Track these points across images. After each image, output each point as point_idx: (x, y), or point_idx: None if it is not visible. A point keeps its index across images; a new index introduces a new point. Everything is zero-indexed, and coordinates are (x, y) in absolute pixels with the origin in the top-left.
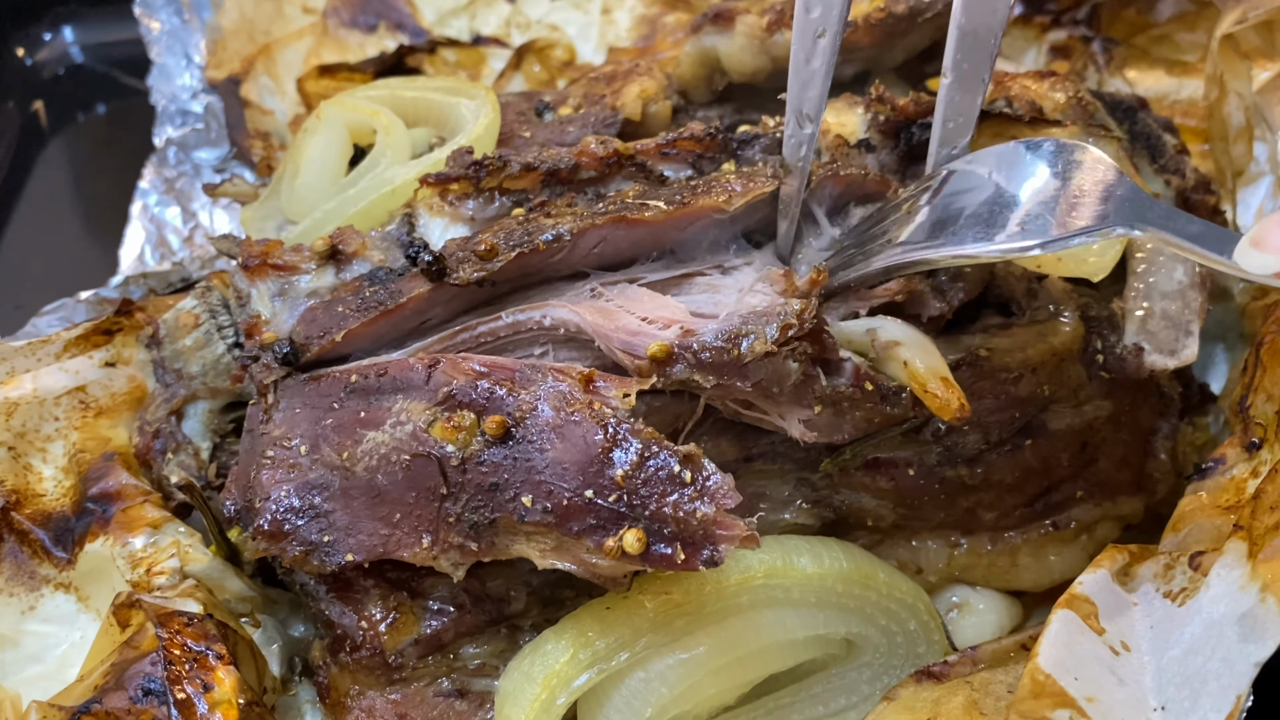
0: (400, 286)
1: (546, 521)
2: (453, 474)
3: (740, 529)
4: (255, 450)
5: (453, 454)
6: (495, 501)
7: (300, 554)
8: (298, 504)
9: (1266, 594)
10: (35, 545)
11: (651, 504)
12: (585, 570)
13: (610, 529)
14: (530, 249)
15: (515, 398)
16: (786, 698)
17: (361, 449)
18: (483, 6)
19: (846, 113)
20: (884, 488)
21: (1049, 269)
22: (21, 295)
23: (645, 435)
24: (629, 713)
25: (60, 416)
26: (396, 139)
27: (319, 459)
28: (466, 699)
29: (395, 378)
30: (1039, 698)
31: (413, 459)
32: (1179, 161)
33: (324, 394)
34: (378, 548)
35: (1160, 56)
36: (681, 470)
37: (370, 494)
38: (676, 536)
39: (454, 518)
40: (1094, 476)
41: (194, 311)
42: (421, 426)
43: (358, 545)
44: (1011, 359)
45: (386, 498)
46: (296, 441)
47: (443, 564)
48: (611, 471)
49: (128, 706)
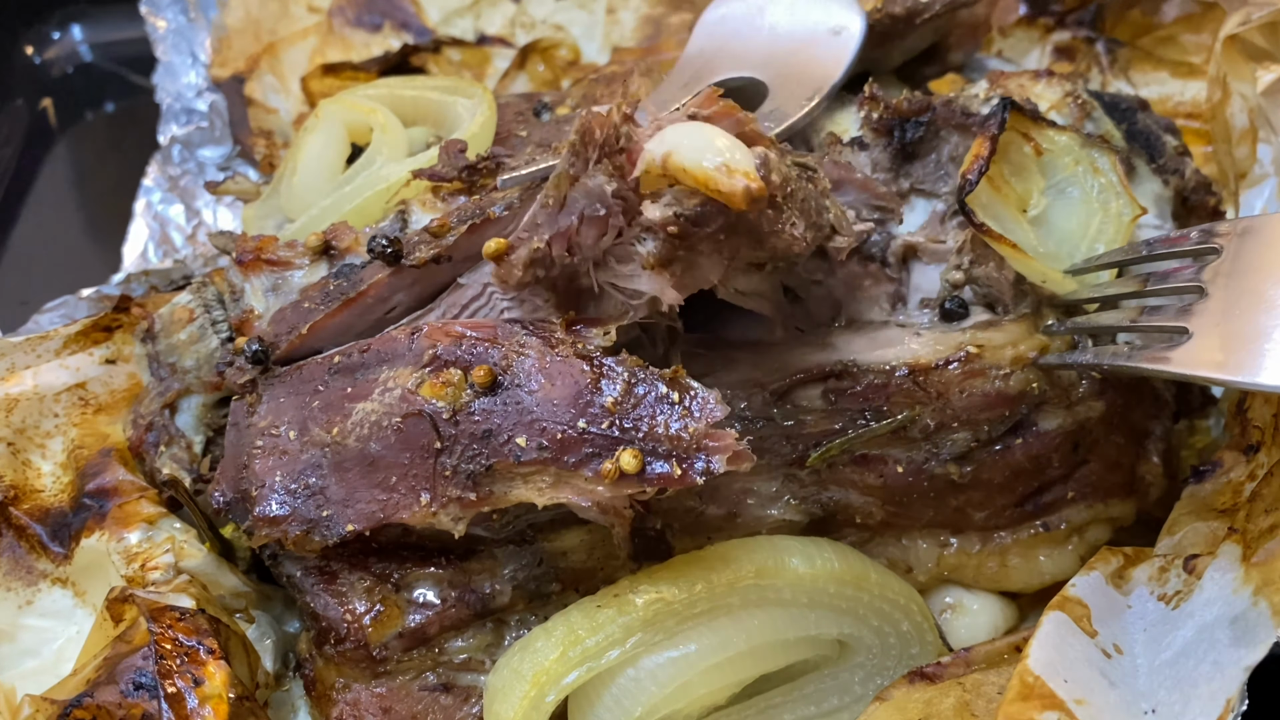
0: (362, 276)
1: (543, 458)
2: (445, 427)
3: (730, 439)
4: (243, 443)
5: (443, 409)
6: (490, 448)
7: (301, 533)
8: (293, 485)
9: (1259, 597)
10: (33, 540)
11: (644, 425)
12: (588, 500)
13: (606, 454)
14: (481, 220)
15: (500, 349)
16: (778, 698)
17: (351, 422)
18: (487, 6)
19: (840, 111)
20: (872, 484)
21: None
22: (27, 291)
23: (631, 363)
24: (619, 711)
25: (60, 413)
26: (393, 137)
27: (309, 440)
28: (452, 693)
29: (379, 351)
30: (1027, 700)
31: (404, 419)
32: (1179, 162)
33: (306, 380)
34: (377, 513)
35: (1165, 58)
36: (669, 391)
37: (364, 463)
38: (671, 454)
39: (450, 470)
40: (1085, 478)
41: (189, 306)
42: (410, 389)
43: (357, 515)
44: (1002, 355)
45: (381, 463)
46: (284, 428)
47: (443, 520)
48: (601, 400)
49: (119, 700)
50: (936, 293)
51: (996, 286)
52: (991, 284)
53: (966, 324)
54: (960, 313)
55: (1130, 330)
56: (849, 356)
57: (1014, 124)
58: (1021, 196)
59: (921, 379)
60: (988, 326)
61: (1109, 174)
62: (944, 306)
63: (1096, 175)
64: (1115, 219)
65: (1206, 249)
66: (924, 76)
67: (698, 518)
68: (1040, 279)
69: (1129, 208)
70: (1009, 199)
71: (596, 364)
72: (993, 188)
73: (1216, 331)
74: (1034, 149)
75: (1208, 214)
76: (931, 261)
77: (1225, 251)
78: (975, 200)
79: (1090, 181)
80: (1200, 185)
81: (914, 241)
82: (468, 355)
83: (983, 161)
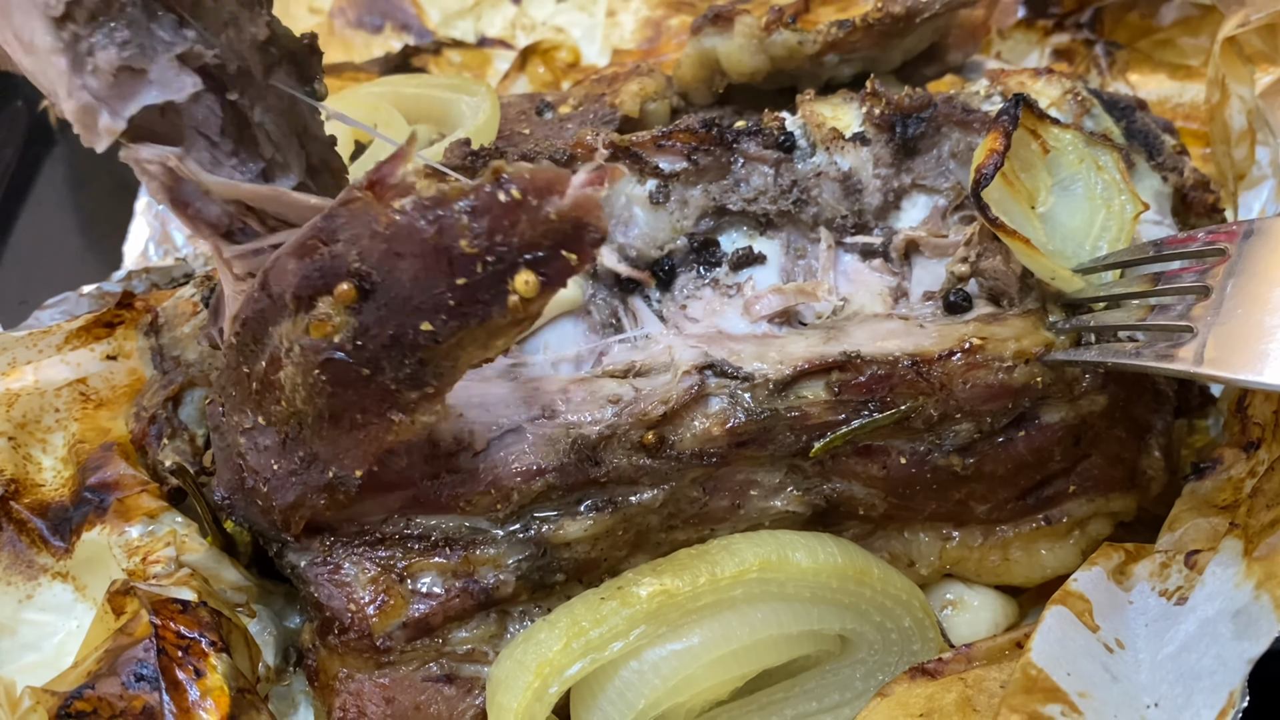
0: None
1: (453, 327)
2: (357, 355)
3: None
4: (230, 450)
5: (343, 340)
6: (407, 345)
7: (326, 499)
8: (292, 466)
9: (1261, 591)
10: (33, 534)
11: (512, 242)
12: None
13: (504, 293)
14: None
15: (337, 257)
16: (780, 693)
17: (288, 391)
18: (488, 8)
19: (842, 107)
20: (875, 475)
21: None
22: (27, 290)
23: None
24: (622, 704)
25: (61, 408)
26: (395, 133)
27: (272, 423)
28: (455, 684)
29: (249, 317)
30: (1031, 692)
31: (321, 368)
32: (1177, 160)
33: (232, 367)
34: (370, 448)
35: (1163, 60)
36: (499, 192)
37: (327, 418)
38: (556, 246)
39: (394, 383)
40: (1087, 471)
41: (193, 300)
42: (303, 341)
43: (354, 460)
44: (1006, 348)
45: (338, 410)
46: (249, 419)
47: (423, 419)
48: (458, 251)
49: (120, 692)
50: (939, 286)
51: (1003, 280)
52: (998, 277)
53: (970, 316)
54: (964, 305)
55: (1136, 329)
56: (852, 348)
57: (1023, 121)
58: (1031, 193)
59: (925, 370)
60: (991, 320)
61: (1112, 171)
62: (947, 299)
63: (1100, 172)
64: (1118, 215)
65: (1213, 250)
66: (923, 77)
67: (701, 509)
68: (1050, 276)
69: (1132, 204)
70: (1020, 195)
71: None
72: (1005, 183)
73: (1221, 330)
74: (1041, 146)
75: (1206, 211)
76: (934, 256)
77: (1230, 252)
78: (989, 195)
79: (1094, 178)
80: (1199, 183)
81: (915, 236)
82: (316, 278)
83: (998, 156)
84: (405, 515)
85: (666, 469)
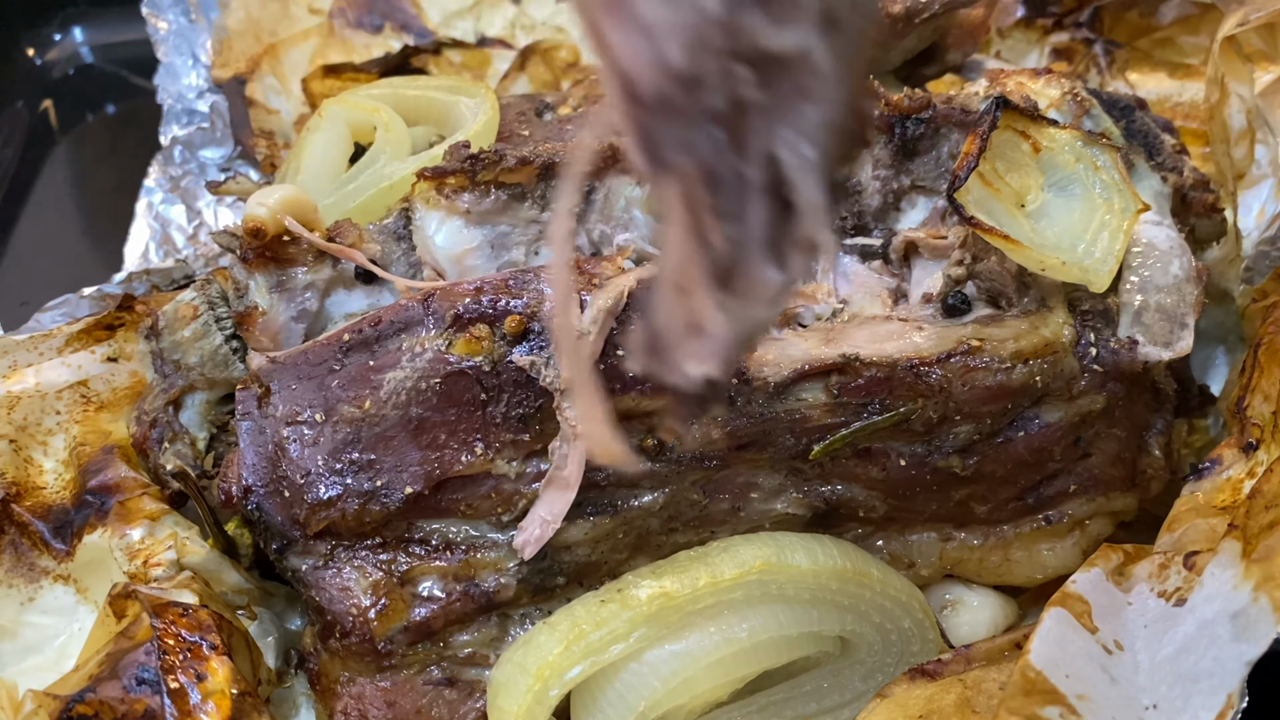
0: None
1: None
2: (487, 380)
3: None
4: (267, 435)
5: (482, 362)
6: (535, 390)
7: (359, 507)
8: (338, 465)
9: (1259, 593)
10: (35, 537)
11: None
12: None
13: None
14: None
15: (520, 300)
16: (780, 694)
17: (384, 393)
18: (488, 8)
19: None
20: (875, 477)
21: (1053, 274)
22: (28, 292)
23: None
24: (622, 706)
25: (61, 410)
26: (396, 136)
27: (339, 419)
28: (456, 688)
29: (392, 321)
30: (1029, 695)
31: (444, 380)
32: (1177, 160)
33: (315, 362)
34: (434, 471)
35: (1162, 59)
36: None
37: (408, 427)
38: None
39: (500, 419)
40: (1087, 471)
41: (193, 303)
42: (441, 350)
43: (413, 476)
44: (1004, 349)
45: (427, 424)
46: (308, 413)
47: (499, 465)
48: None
49: (121, 696)
50: (938, 288)
51: (999, 280)
52: (994, 278)
53: (968, 319)
54: (962, 308)
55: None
56: (852, 350)
57: (1009, 122)
58: (1018, 192)
59: (924, 372)
60: (990, 321)
61: (1110, 171)
62: (946, 302)
63: (1098, 172)
64: (1117, 215)
65: None
66: (922, 77)
67: (701, 512)
68: (1039, 268)
69: (1131, 204)
70: (1002, 194)
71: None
72: (984, 183)
73: None
74: (1031, 146)
75: (1205, 210)
76: (933, 258)
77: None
78: (965, 195)
79: (1091, 178)
80: (1198, 183)
81: (915, 238)
82: (489, 309)
83: (971, 159)
84: (406, 519)
85: (666, 472)
